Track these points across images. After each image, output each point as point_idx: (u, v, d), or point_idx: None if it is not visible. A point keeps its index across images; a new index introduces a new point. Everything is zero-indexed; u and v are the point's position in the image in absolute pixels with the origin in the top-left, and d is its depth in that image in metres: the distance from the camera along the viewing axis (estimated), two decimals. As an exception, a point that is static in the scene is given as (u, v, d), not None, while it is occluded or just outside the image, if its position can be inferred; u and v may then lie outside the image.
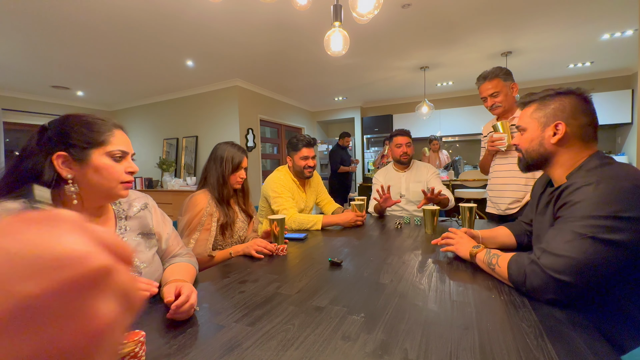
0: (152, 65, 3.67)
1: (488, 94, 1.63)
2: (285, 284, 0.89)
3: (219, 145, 1.42)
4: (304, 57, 3.63)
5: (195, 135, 4.86)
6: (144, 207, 0.89)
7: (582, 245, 0.68)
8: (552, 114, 0.87)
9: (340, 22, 1.43)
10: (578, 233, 0.70)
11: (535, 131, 0.90)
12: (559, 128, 0.85)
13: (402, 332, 0.62)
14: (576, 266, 0.68)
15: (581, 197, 0.73)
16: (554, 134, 0.86)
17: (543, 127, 0.88)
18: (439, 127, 5.67)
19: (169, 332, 0.64)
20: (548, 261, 0.71)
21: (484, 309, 0.71)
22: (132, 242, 0.81)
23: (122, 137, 0.76)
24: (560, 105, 0.86)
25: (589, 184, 0.73)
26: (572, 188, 0.77)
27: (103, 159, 0.72)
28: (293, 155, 1.86)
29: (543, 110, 0.89)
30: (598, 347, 0.54)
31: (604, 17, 2.83)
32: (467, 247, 0.98)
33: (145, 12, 2.48)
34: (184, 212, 1.31)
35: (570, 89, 0.87)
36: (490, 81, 1.62)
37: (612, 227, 0.67)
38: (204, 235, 1.27)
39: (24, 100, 4.59)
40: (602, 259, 0.67)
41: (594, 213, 0.69)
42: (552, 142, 0.86)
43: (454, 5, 2.56)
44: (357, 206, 1.71)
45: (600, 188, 0.71)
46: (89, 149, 0.70)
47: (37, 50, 3.10)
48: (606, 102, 4.46)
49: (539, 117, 0.89)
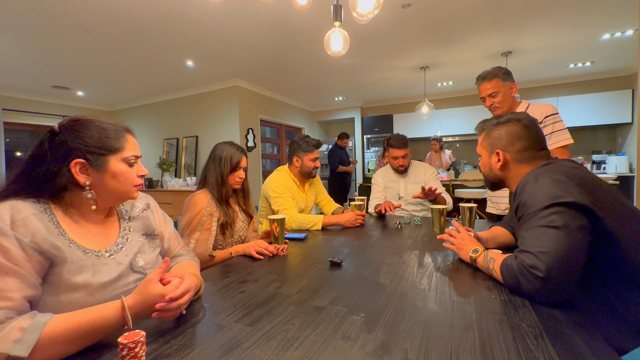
0: (152, 65, 3.67)
1: (487, 94, 1.63)
2: (285, 284, 0.89)
3: (218, 145, 1.43)
4: (304, 57, 3.63)
5: (196, 135, 4.87)
6: (146, 208, 0.89)
7: (551, 236, 0.72)
8: (493, 143, 0.98)
9: (341, 22, 1.43)
10: (541, 226, 0.74)
11: (485, 158, 1.02)
12: (500, 155, 0.95)
13: (402, 332, 0.62)
14: (554, 258, 0.69)
15: (527, 195, 0.81)
16: (498, 160, 0.96)
17: (489, 154, 1.00)
18: (439, 127, 5.67)
19: (169, 332, 0.64)
20: (529, 260, 0.72)
21: (484, 309, 0.70)
22: (136, 243, 0.81)
23: (133, 142, 0.78)
24: (499, 134, 0.96)
25: (528, 182, 0.82)
26: (518, 190, 0.87)
27: (119, 165, 0.73)
28: (303, 157, 1.87)
29: (487, 140, 1.00)
30: (598, 348, 0.54)
31: (604, 17, 2.83)
32: (467, 250, 0.98)
33: (146, 12, 2.48)
34: (184, 211, 1.31)
35: (510, 118, 0.96)
36: (489, 81, 1.62)
37: (561, 213, 0.72)
38: (204, 235, 1.27)
39: (24, 100, 4.59)
40: (570, 243, 0.70)
41: (542, 205, 0.76)
42: (498, 168, 0.97)
43: (454, 5, 2.56)
44: (356, 206, 1.72)
45: (539, 182, 0.79)
46: (107, 156, 0.71)
47: (37, 50, 3.10)
48: (606, 102, 4.46)
49: (486, 146, 1.01)
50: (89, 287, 0.66)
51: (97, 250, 0.71)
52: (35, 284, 0.60)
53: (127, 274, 0.74)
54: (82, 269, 0.66)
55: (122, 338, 0.50)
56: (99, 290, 0.67)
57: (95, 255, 0.70)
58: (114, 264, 0.72)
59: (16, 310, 0.55)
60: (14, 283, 0.56)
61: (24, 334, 0.51)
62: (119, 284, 0.71)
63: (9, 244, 0.57)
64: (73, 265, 0.65)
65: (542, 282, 0.69)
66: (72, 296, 0.64)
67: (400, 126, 5.99)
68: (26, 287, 0.58)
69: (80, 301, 0.64)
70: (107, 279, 0.69)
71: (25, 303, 0.57)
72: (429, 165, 2.23)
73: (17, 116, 4.52)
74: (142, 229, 0.85)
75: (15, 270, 0.57)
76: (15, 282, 0.56)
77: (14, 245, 0.58)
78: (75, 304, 0.63)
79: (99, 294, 0.67)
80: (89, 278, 0.66)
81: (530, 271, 0.71)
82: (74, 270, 0.65)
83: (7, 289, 0.55)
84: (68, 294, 0.64)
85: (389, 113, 6.20)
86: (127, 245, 0.78)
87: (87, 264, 0.67)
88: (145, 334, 0.53)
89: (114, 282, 0.70)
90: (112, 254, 0.73)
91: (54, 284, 0.63)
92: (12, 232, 0.58)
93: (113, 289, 0.70)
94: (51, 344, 0.53)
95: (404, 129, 5.96)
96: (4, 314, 0.53)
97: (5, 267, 0.56)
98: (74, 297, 0.64)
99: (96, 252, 0.70)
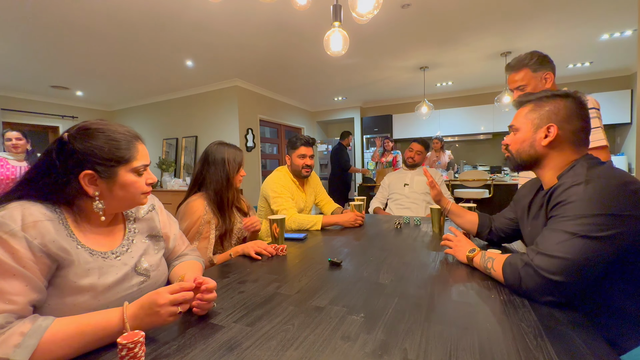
0: (151, 65, 3.66)
1: (514, 87, 1.42)
2: (285, 284, 0.89)
3: (213, 148, 1.34)
4: (304, 57, 3.63)
5: (195, 135, 4.86)
6: (151, 209, 0.88)
7: (576, 245, 0.69)
8: (546, 116, 0.86)
9: (340, 22, 1.43)
10: (571, 232, 0.70)
11: (528, 132, 0.89)
12: (550, 131, 0.85)
13: (402, 332, 0.62)
14: (570, 266, 0.68)
15: (572, 197, 0.74)
16: (545, 136, 0.86)
17: (535, 128, 0.88)
18: (439, 127, 5.67)
19: (168, 332, 0.64)
20: (542, 262, 0.71)
21: (484, 309, 0.71)
22: (141, 245, 0.80)
23: (143, 150, 0.76)
24: (555, 107, 0.85)
25: (579, 183, 0.74)
26: (562, 188, 0.78)
27: (129, 175, 0.72)
28: (291, 154, 1.87)
29: (537, 112, 0.88)
30: (597, 347, 0.54)
31: (603, 17, 2.83)
32: (464, 251, 0.99)
33: (145, 12, 2.47)
34: (181, 218, 1.25)
35: (568, 92, 0.86)
36: (517, 72, 1.40)
37: (603, 225, 0.68)
38: (203, 244, 1.24)
39: (23, 100, 4.58)
40: (595, 256, 0.68)
41: (585, 212, 0.70)
42: (543, 145, 0.86)
43: (454, 6, 2.56)
44: (356, 206, 1.71)
45: (590, 187, 0.72)
46: (117, 167, 0.70)
47: (36, 50, 3.10)
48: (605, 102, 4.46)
49: (533, 119, 0.89)
50: (95, 289, 0.66)
51: (103, 252, 0.71)
52: (41, 287, 0.59)
53: (131, 276, 0.74)
54: (88, 272, 0.66)
55: (122, 338, 0.50)
56: (103, 293, 0.67)
57: (101, 257, 0.70)
58: (119, 265, 0.72)
59: (17, 315, 0.55)
60: (19, 286, 0.56)
61: (24, 338, 0.51)
62: (122, 286, 0.71)
63: (19, 245, 0.57)
64: (80, 268, 0.65)
65: (550, 284, 0.69)
66: (78, 299, 0.64)
67: (400, 126, 5.99)
68: (31, 291, 0.57)
69: (85, 304, 0.64)
70: (111, 280, 0.69)
71: (28, 308, 0.57)
72: (437, 171, 2.37)
73: (16, 116, 4.51)
74: (147, 230, 0.85)
75: (22, 272, 0.56)
76: (21, 285, 0.56)
77: (23, 247, 0.57)
78: (80, 307, 0.63)
79: (103, 297, 0.67)
80: (94, 280, 0.66)
81: (537, 272, 0.71)
82: (80, 273, 0.65)
83: (12, 292, 0.55)
84: (73, 297, 0.63)
85: (388, 113, 6.20)
86: (133, 247, 0.78)
87: (93, 267, 0.67)
88: (144, 334, 0.53)
89: (118, 283, 0.70)
90: (118, 256, 0.73)
91: (60, 286, 0.63)
92: (23, 234, 0.58)
93: (117, 292, 0.70)
94: (51, 349, 0.53)
95: (404, 129, 5.97)
96: (4, 318, 0.53)
97: (12, 269, 0.56)
98: (79, 300, 0.64)
99: (102, 254, 0.70)
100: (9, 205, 0.61)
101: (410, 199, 2.20)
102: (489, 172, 4.94)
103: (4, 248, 0.56)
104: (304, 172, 1.86)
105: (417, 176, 2.31)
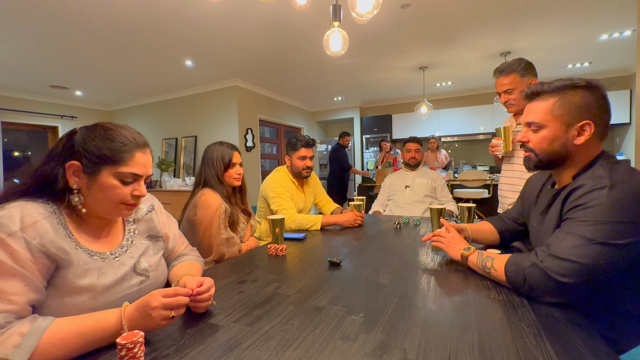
0: (151, 65, 3.66)
1: (502, 90, 1.49)
2: (284, 284, 0.89)
3: (208, 147, 1.43)
4: (303, 57, 3.62)
5: (194, 135, 4.86)
6: (150, 209, 0.88)
7: (591, 250, 0.67)
8: (577, 112, 0.76)
9: (340, 22, 1.43)
10: (588, 238, 0.67)
11: (557, 131, 0.79)
12: (585, 129, 0.76)
13: (402, 332, 0.62)
14: (582, 270, 0.67)
15: (592, 201, 0.70)
16: (578, 134, 0.77)
17: (565, 126, 0.78)
18: (438, 127, 5.67)
19: (168, 332, 0.64)
20: (552, 264, 0.69)
21: (483, 308, 0.71)
22: (140, 245, 0.80)
23: (141, 159, 0.72)
24: (585, 100, 0.76)
25: (602, 187, 0.70)
26: (582, 190, 0.73)
27: (110, 178, 0.68)
28: (292, 155, 1.87)
29: (565, 107, 0.78)
30: (596, 347, 0.54)
31: (602, 17, 2.84)
32: (458, 248, 0.96)
33: (144, 12, 2.47)
34: (199, 210, 1.28)
35: (592, 83, 0.77)
36: (506, 76, 1.46)
37: (622, 232, 0.66)
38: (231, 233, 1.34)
39: (22, 100, 4.57)
40: (608, 262, 0.66)
41: (605, 218, 0.67)
42: (576, 144, 0.77)
43: (453, 6, 2.56)
44: (355, 206, 1.71)
45: (614, 192, 0.68)
46: (101, 165, 0.68)
47: (35, 50, 3.09)
48: (604, 103, 4.47)
49: (561, 115, 0.78)
50: (94, 290, 0.66)
51: (102, 253, 0.71)
52: (40, 287, 0.59)
53: (130, 276, 0.74)
54: (87, 272, 0.66)
55: (121, 338, 0.50)
56: (103, 293, 0.67)
57: (100, 257, 0.70)
58: (118, 265, 0.72)
59: (17, 315, 0.55)
60: (18, 286, 0.56)
61: (23, 339, 0.51)
62: (122, 286, 0.71)
63: (18, 245, 0.57)
64: (78, 268, 0.65)
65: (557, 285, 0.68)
66: (77, 299, 0.64)
67: (400, 126, 6.00)
68: (30, 291, 0.57)
69: (84, 304, 0.64)
70: (110, 280, 0.69)
71: (27, 308, 0.57)
72: (439, 174, 2.34)
73: (15, 116, 4.50)
74: (147, 231, 0.85)
75: (21, 272, 0.56)
76: (20, 285, 0.56)
77: (22, 247, 0.58)
78: (79, 307, 0.63)
79: (103, 297, 0.67)
80: (93, 281, 0.66)
81: (546, 273, 0.69)
82: (79, 273, 0.65)
83: (12, 292, 0.55)
84: (73, 297, 0.63)
85: (388, 113, 6.20)
86: (132, 247, 0.78)
87: (92, 267, 0.67)
88: (143, 334, 0.53)
89: (117, 284, 0.70)
90: (117, 257, 0.73)
91: (59, 287, 0.63)
92: (22, 234, 0.58)
93: (116, 292, 0.70)
94: (50, 350, 0.53)
95: (403, 129, 5.98)
96: (3, 318, 0.53)
97: (11, 269, 0.56)
98: (79, 300, 0.64)
99: (101, 255, 0.70)
100: (8, 205, 0.61)
101: (411, 201, 2.19)
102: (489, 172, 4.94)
103: (3, 248, 0.56)
104: (304, 173, 1.88)
105: (418, 178, 2.29)
